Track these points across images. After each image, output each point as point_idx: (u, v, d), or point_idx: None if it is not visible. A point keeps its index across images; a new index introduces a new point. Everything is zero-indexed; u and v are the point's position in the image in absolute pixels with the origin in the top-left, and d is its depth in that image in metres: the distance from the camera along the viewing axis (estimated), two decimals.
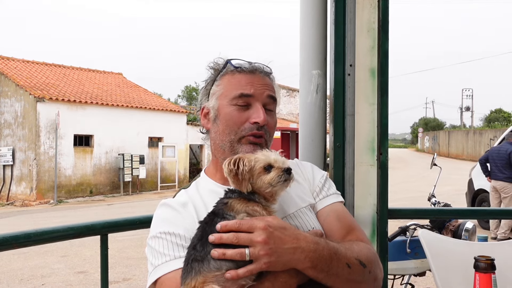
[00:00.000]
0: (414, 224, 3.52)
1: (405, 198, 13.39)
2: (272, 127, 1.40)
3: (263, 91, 1.38)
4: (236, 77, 1.39)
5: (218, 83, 1.41)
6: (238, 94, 1.36)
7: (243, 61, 1.42)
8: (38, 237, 1.65)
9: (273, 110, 1.43)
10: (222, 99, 1.39)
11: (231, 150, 1.36)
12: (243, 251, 1.10)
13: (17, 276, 6.87)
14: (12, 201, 17.57)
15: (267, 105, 1.39)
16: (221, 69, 1.42)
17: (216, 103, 1.40)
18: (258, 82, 1.38)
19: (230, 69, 1.41)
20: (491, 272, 1.43)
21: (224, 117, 1.37)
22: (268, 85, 1.41)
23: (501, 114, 52.29)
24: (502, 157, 8.32)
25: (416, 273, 3.46)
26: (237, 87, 1.37)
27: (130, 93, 22.82)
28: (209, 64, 1.45)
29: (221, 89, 1.40)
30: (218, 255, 1.11)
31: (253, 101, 1.36)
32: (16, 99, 18.18)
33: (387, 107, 1.85)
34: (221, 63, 1.43)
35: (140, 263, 7.24)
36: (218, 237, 1.12)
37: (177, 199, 1.39)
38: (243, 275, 1.10)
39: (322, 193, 1.44)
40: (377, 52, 1.83)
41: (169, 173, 21.97)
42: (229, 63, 1.41)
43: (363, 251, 1.28)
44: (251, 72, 1.40)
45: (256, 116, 1.34)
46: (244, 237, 1.11)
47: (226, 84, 1.39)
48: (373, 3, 1.83)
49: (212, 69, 1.45)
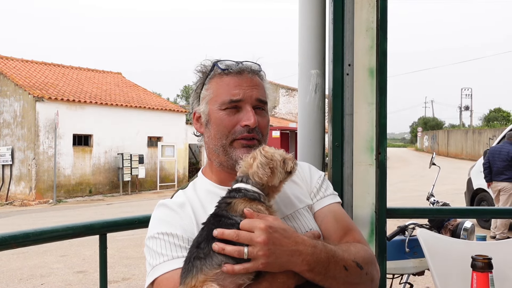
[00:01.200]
0: (412, 224, 3.53)
1: (404, 197, 13.40)
2: (264, 126, 1.40)
3: (251, 94, 1.37)
4: (224, 80, 1.38)
5: (207, 87, 1.40)
6: (228, 100, 1.35)
7: (231, 62, 1.40)
8: (37, 237, 1.65)
9: (265, 109, 1.42)
10: (212, 104, 1.38)
11: (224, 154, 1.36)
12: (241, 249, 1.11)
13: (16, 276, 6.87)
14: (11, 201, 17.56)
15: (257, 107, 1.38)
16: (208, 72, 1.41)
17: (206, 108, 1.39)
18: (247, 84, 1.37)
19: (217, 71, 1.39)
20: (488, 271, 1.44)
21: (215, 122, 1.37)
22: (257, 85, 1.39)
23: (500, 113, 52.29)
24: (503, 158, 8.29)
25: (415, 273, 3.46)
26: (226, 91, 1.36)
27: (129, 93, 22.80)
28: (197, 67, 1.44)
29: (210, 94, 1.39)
30: (218, 249, 1.12)
31: (243, 105, 1.36)
32: (15, 99, 18.16)
33: (386, 106, 1.85)
34: (209, 65, 1.42)
35: (139, 263, 7.24)
36: (220, 232, 1.13)
37: (174, 200, 1.39)
38: (239, 271, 1.11)
39: (319, 194, 1.44)
40: (375, 51, 1.83)
41: (168, 173, 21.96)
42: (216, 66, 1.40)
43: (360, 252, 1.28)
44: (238, 73, 1.38)
45: (246, 119, 1.34)
46: (245, 235, 1.12)
47: (215, 88, 1.38)
48: (371, 2, 1.83)
49: (200, 73, 1.44)
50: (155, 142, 21.63)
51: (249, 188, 1.21)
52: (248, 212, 1.16)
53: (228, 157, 1.36)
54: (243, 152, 1.33)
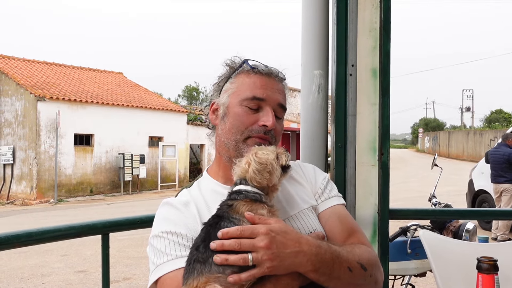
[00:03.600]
0: (414, 225, 3.52)
1: (406, 198, 13.38)
2: (279, 132, 1.41)
3: (275, 97, 1.38)
4: (251, 77, 1.39)
5: (232, 81, 1.41)
6: (251, 96, 1.36)
7: (260, 63, 1.43)
8: (40, 236, 1.65)
9: (281, 118, 1.44)
10: (233, 97, 1.39)
11: (235, 149, 1.36)
12: (246, 257, 1.09)
13: (17, 275, 6.87)
14: (12, 200, 17.58)
15: (276, 112, 1.39)
16: (237, 68, 1.43)
17: (227, 100, 1.40)
18: (272, 86, 1.39)
19: (246, 68, 1.41)
20: (494, 273, 1.43)
21: (232, 116, 1.37)
22: (281, 92, 1.42)
23: (502, 114, 52.22)
24: (499, 160, 8.32)
25: (416, 274, 3.46)
26: (251, 88, 1.37)
27: (131, 93, 22.82)
28: (226, 61, 1.45)
29: (234, 87, 1.40)
30: (220, 261, 1.10)
31: (264, 105, 1.37)
32: (17, 98, 18.19)
33: (389, 107, 1.85)
34: (238, 61, 1.43)
35: (140, 263, 7.24)
36: (219, 244, 1.11)
37: (179, 199, 1.39)
38: (246, 279, 1.10)
39: (324, 195, 1.44)
40: (378, 52, 1.83)
41: (169, 173, 21.97)
42: (246, 63, 1.42)
43: (365, 254, 1.28)
44: (266, 74, 1.40)
45: (265, 119, 1.35)
46: (247, 243, 1.11)
47: (240, 83, 1.40)
48: (375, 3, 1.83)
49: (228, 66, 1.45)
50: (156, 142, 21.64)
51: (249, 190, 1.21)
52: (249, 216, 1.16)
53: (238, 153, 1.35)
54: None
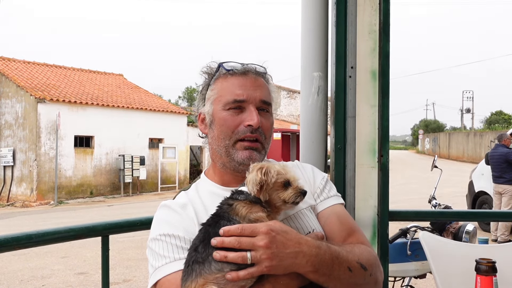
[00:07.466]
0: (414, 226, 3.53)
1: (405, 200, 13.38)
2: (268, 128, 1.40)
3: (256, 95, 1.37)
4: (228, 80, 1.39)
5: (212, 88, 1.41)
6: (232, 99, 1.36)
7: (236, 63, 1.41)
8: (40, 238, 1.65)
9: (269, 111, 1.42)
10: (216, 104, 1.39)
11: (227, 155, 1.37)
12: (245, 255, 1.10)
13: (17, 277, 6.86)
14: (12, 202, 17.57)
15: (261, 108, 1.39)
16: (214, 73, 1.42)
17: (210, 108, 1.40)
18: (251, 84, 1.38)
19: (222, 72, 1.41)
20: (492, 275, 1.43)
21: (218, 122, 1.37)
22: (262, 86, 1.40)
23: (502, 116, 52.23)
24: (497, 161, 8.34)
25: (416, 275, 3.46)
26: (230, 91, 1.37)
27: (131, 94, 22.83)
28: (202, 68, 1.45)
29: (215, 94, 1.40)
30: (220, 257, 1.11)
31: (247, 105, 1.36)
32: (17, 100, 18.19)
33: (388, 109, 1.85)
34: (214, 67, 1.43)
35: (140, 264, 7.24)
36: (220, 241, 1.12)
37: (177, 201, 1.39)
38: (244, 277, 1.10)
39: (323, 194, 1.44)
40: (378, 54, 1.83)
41: (169, 174, 21.96)
42: (221, 67, 1.41)
43: (364, 254, 1.28)
44: (243, 74, 1.39)
45: (249, 119, 1.34)
46: (246, 241, 1.11)
47: (220, 88, 1.39)
48: (374, 5, 1.83)
49: (206, 74, 1.45)
50: (156, 143, 21.64)
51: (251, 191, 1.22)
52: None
53: (230, 159, 1.36)
54: (245, 155, 1.34)
